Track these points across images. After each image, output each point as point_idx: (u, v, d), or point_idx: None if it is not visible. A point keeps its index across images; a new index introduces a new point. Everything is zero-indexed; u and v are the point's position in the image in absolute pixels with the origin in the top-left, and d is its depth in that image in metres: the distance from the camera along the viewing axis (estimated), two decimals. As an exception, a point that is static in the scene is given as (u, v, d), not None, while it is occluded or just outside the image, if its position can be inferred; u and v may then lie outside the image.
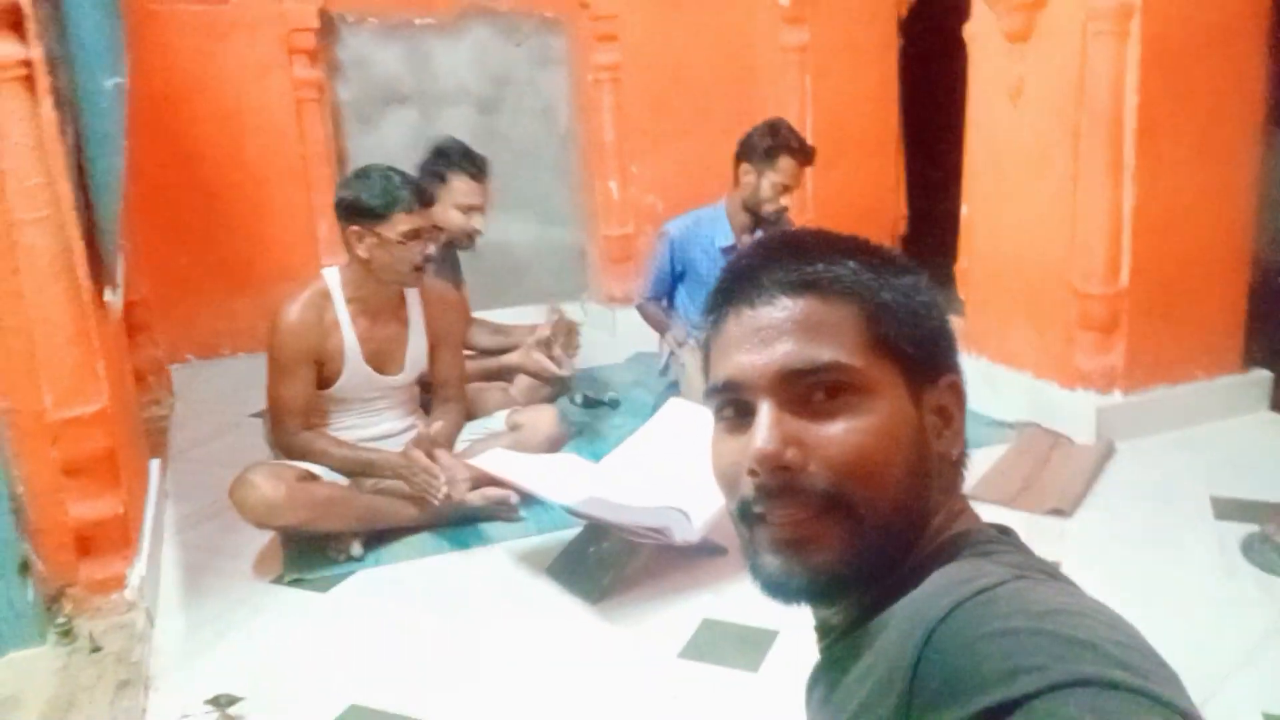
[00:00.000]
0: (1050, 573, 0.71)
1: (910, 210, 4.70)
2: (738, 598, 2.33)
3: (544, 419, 2.89)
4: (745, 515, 0.76)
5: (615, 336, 4.52)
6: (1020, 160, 3.25)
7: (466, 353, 3.11)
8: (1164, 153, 2.98)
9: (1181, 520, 2.66)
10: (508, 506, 2.69)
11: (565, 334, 3.26)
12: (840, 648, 0.78)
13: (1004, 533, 0.79)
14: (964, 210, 3.50)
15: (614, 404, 3.64)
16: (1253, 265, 3.27)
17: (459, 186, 3.24)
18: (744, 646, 2.15)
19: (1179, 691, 0.56)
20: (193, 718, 1.94)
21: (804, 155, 3.28)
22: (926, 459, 0.76)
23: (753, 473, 0.73)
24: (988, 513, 0.81)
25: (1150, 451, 3.07)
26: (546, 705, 1.99)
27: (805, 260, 0.76)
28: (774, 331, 0.75)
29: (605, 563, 2.41)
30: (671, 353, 3.34)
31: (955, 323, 3.68)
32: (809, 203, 4.51)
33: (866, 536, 0.72)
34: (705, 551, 2.47)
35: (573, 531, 2.56)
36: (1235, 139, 3.10)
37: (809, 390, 0.73)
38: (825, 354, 0.73)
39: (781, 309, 0.75)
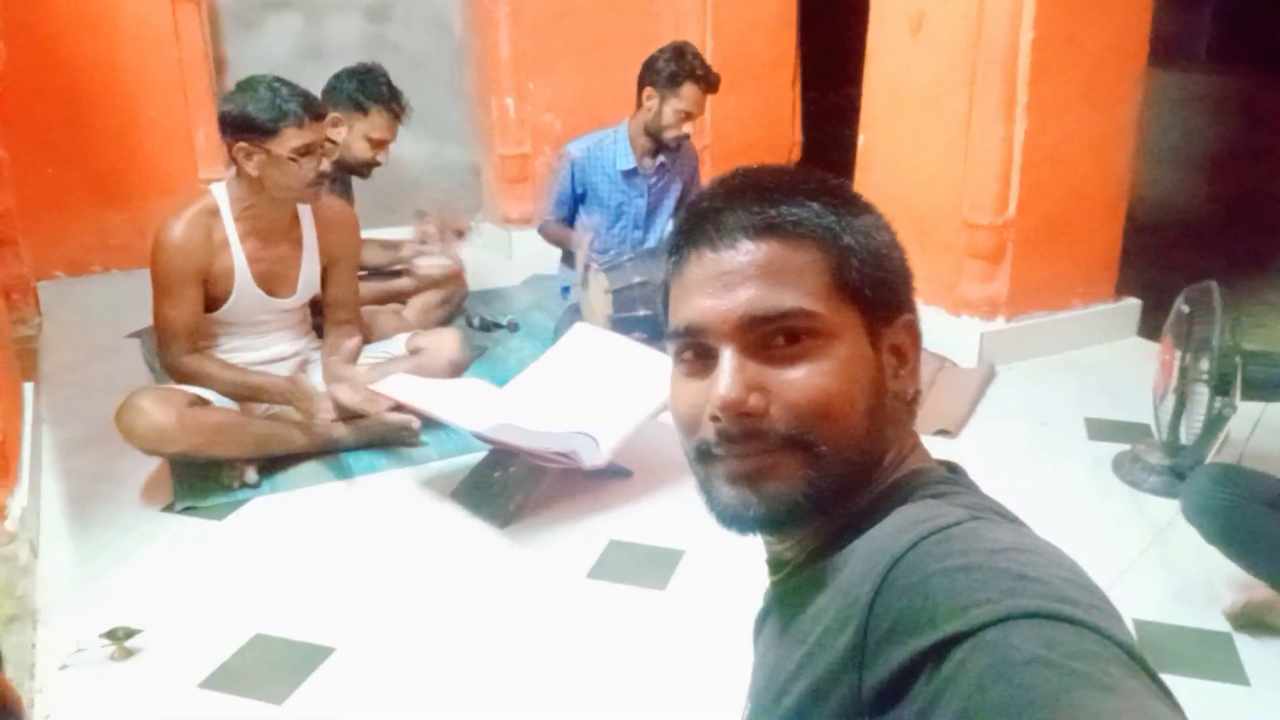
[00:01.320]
0: (1002, 513, 0.73)
1: (807, 138, 4.74)
2: (644, 520, 2.37)
3: (446, 343, 2.84)
4: (704, 456, 0.77)
5: (511, 259, 4.46)
6: (918, 92, 3.30)
7: (359, 274, 3.02)
8: (1055, 91, 3.07)
9: (1058, 441, 2.82)
10: (409, 431, 2.65)
11: (441, 226, 3.21)
12: (794, 583, 0.80)
13: (953, 470, 0.81)
14: (861, 140, 3.55)
15: (512, 327, 3.60)
16: (1129, 201, 3.43)
17: (378, 121, 3.15)
18: (651, 566, 2.20)
19: (1119, 625, 0.59)
20: (88, 651, 1.87)
21: (708, 83, 3.26)
22: (883, 398, 0.77)
23: (715, 418, 0.74)
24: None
25: (1029, 375, 3.23)
26: (455, 628, 2.00)
27: (768, 202, 0.75)
28: (737, 276, 0.74)
29: (511, 487, 2.41)
30: (587, 266, 3.30)
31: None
32: (706, 128, 4.49)
33: (824, 470, 0.73)
34: (611, 475, 2.50)
35: (477, 456, 2.55)
36: (1120, 81, 3.21)
37: (770, 335, 0.74)
38: (788, 300, 0.73)
39: (744, 253, 0.74)
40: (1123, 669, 0.54)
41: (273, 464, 2.58)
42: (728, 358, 0.74)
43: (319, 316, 2.86)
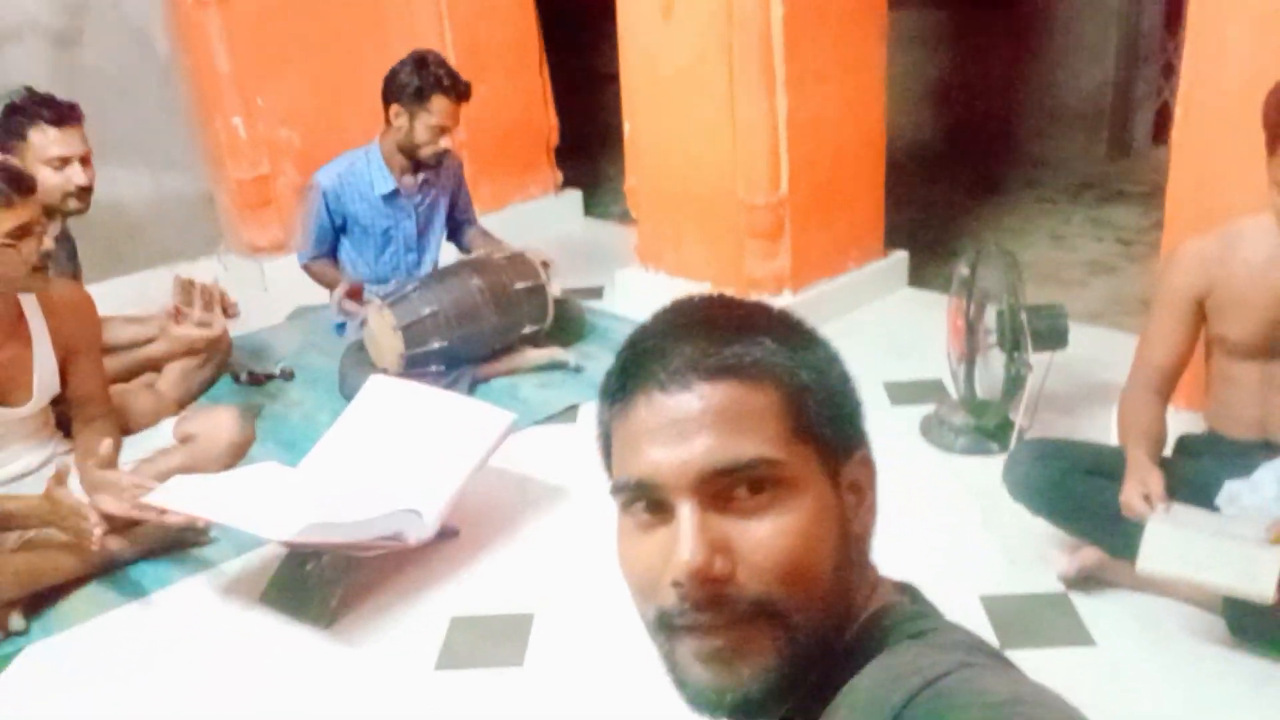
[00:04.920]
0: (985, 650, 0.70)
1: (565, 122, 4.60)
2: (484, 585, 2.22)
3: (222, 423, 2.52)
4: (666, 626, 0.71)
5: (267, 292, 4.07)
6: (677, 76, 3.24)
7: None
8: (809, 62, 3.09)
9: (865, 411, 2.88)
10: (196, 531, 2.36)
11: (197, 293, 2.88)
12: None
13: (913, 597, 0.78)
14: (627, 127, 3.46)
15: (287, 376, 3.29)
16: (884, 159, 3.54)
17: (38, 140, 2.68)
18: (502, 640, 2.06)
19: None
20: None
21: (458, 92, 3.05)
22: (849, 548, 0.74)
23: (677, 584, 0.68)
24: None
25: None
26: (303, 766, 1.79)
27: (720, 340, 0.71)
28: (692, 424, 0.69)
29: (328, 579, 2.18)
30: (349, 314, 3.06)
31: (628, 237, 3.73)
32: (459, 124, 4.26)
33: (798, 641, 0.69)
34: (438, 538, 2.31)
35: (281, 547, 2.30)
36: (867, 40, 3.28)
37: (731, 486, 0.69)
38: (749, 449, 0.69)
39: (699, 396, 0.69)
40: None
41: (41, 600, 2.22)
42: (687, 516, 0.69)
43: (60, 406, 2.47)
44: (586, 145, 4.91)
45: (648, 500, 0.72)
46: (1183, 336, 1.98)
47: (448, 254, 3.48)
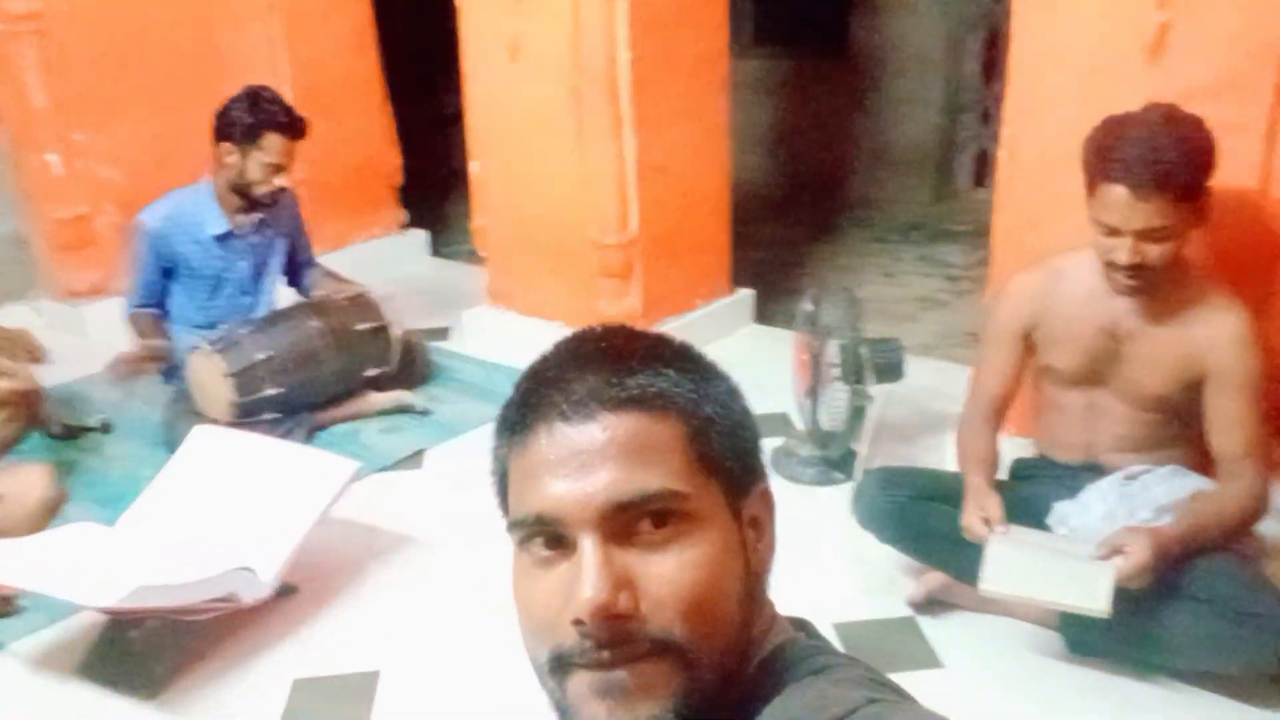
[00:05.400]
0: (892, 688, 0.71)
1: (411, 159, 4.51)
2: (325, 643, 2.10)
3: (31, 481, 2.31)
4: (561, 666, 0.68)
5: (87, 338, 3.80)
6: (525, 115, 3.23)
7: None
8: (657, 106, 3.13)
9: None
10: (2, 600, 2.15)
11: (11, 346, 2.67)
12: None
13: (800, 626, 0.78)
14: (475, 167, 3.42)
15: (105, 428, 3.07)
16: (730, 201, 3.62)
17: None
18: (349, 700, 1.95)
19: None
20: None
21: (293, 129, 2.93)
22: (750, 581, 0.72)
23: (579, 622, 0.65)
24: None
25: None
26: None
27: (624, 370, 0.70)
28: (595, 455, 0.67)
29: (154, 644, 2.03)
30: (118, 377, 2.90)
31: (476, 277, 3.67)
32: (298, 161, 4.11)
33: (698, 679, 0.67)
34: (275, 597, 2.18)
35: (101, 614, 2.12)
36: (711, 87, 3.35)
37: (635, 519, 0.67)
38: (654, 481, 0.67)
39: (603, 427, 0.68)
40: None
41: None
42: (590, 550, 0.67)
43: None
44: (433, 185, 4.83)
45: (547, 535, 0.69)
46: (1013, 367, 2.07)
47: (285, 298, 3.33)
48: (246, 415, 2.73)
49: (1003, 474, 2.13)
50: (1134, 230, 1.75)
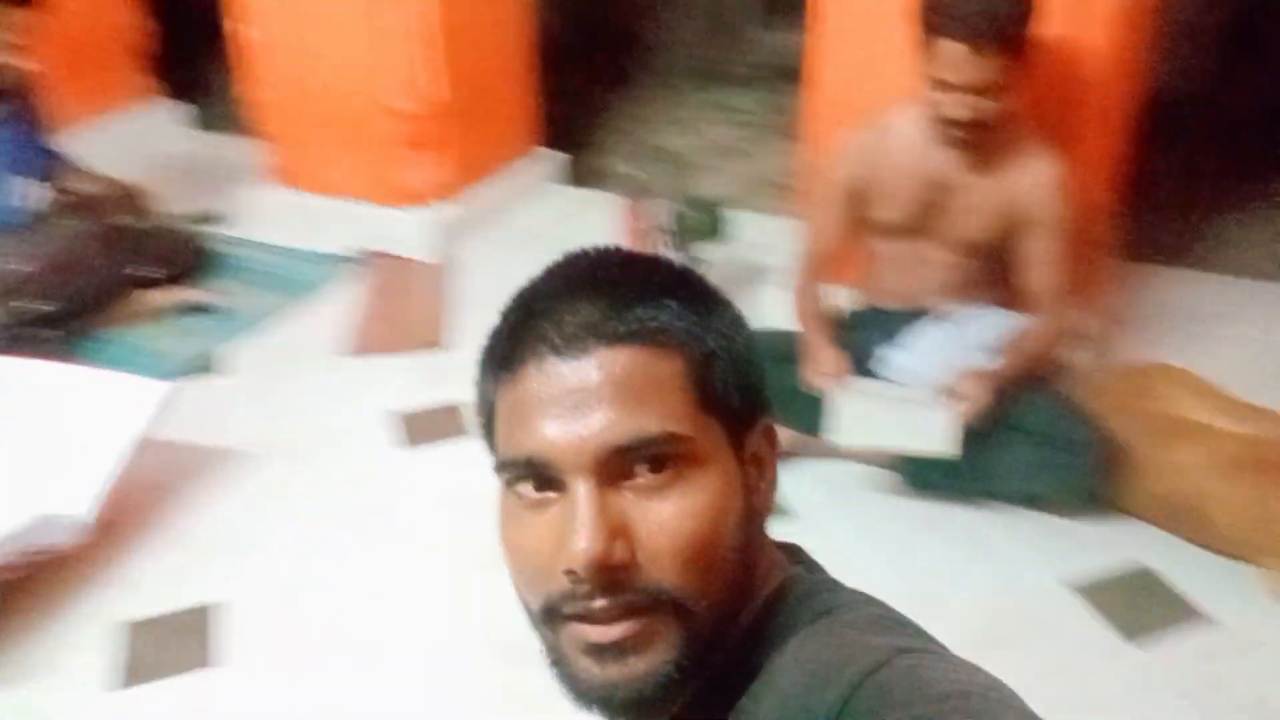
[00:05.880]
0: (911, 626, 0.67)
1: (166, 25, 3.97)
2: (152, 580, 1.92)
3: None
4: (553, 617, 0.64)
5: None
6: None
7: None
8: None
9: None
10: None
11: None
12: None
13: (792, 553, 0.75)
14: (252, 33, 3.06)
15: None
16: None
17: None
18: (185, 639, 1.80)
19: None
20: None
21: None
22: (752, 528, 0.68)
23: (571, 573, 0.61)
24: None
25: (484, 258, 3.11)
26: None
27: (621, 301, 0.64)
28: (590, 395, 0.62)
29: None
30: None
31: (250, 152, 3.33)
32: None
33: (698, 631, 0.64)
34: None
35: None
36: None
37: (631, 463, 0.63)
38: (653, 424, 0.63)
39: (598, 365, 0.63)
40: None
41: None
42: (583, 497, 0.62)
43: None
44: (195, 52, 4.29)
45: (536, 477, 0.64)
46: (845, 224, 2.10)
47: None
48: (14, 339, 2.40)
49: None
50: (969, 84, 1.77)
